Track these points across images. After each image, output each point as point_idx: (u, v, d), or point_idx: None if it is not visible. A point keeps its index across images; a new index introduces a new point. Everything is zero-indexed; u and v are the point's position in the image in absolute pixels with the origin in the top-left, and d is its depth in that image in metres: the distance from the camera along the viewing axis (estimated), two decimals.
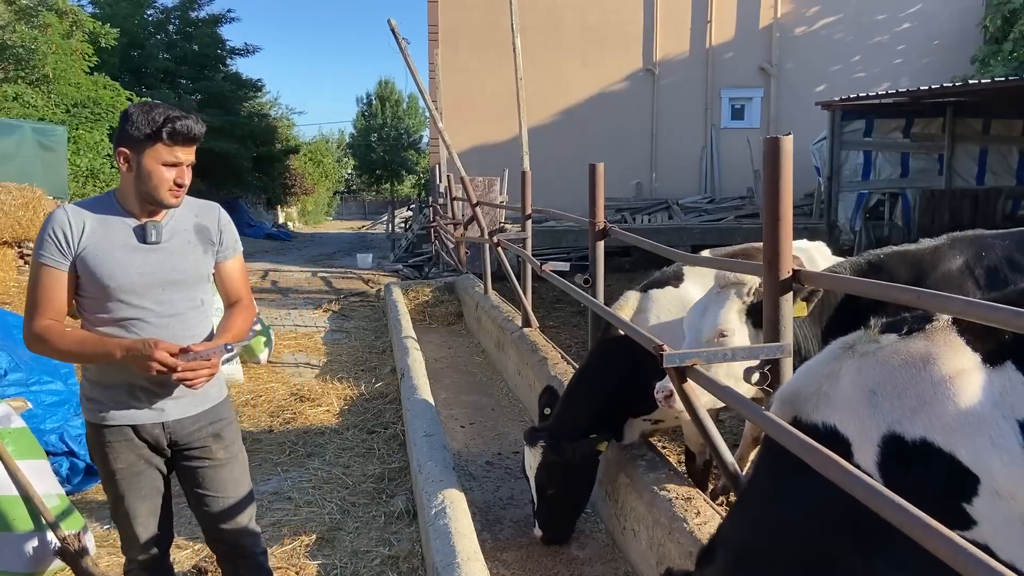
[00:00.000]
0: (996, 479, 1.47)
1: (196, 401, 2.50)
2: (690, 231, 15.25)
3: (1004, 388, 1.52)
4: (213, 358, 2.33)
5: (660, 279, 3.99)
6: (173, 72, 24.41)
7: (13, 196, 8.25)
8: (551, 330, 8.40)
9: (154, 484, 2.54)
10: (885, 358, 1.68)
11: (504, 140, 16.96)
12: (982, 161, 14.97)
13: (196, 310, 2.47)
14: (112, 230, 2.37)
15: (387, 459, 4.89)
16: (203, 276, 2.50)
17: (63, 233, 2.32)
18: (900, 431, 1.57)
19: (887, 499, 1.38)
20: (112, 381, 2.40)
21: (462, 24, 17.90)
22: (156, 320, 2.38)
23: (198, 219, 2.51)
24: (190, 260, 2.45)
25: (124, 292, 2.35)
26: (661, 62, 18.43)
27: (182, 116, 2.32)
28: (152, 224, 2.39)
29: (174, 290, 2.41)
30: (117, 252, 2.35)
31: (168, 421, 2.47)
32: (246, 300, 2.63)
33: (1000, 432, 1.48)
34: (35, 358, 4.62)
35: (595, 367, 3.92)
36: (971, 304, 1.68)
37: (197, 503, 2.61)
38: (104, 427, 2.43)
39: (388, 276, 14.27)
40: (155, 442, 2.48)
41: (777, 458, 1.91)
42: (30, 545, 3.29)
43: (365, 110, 44.55)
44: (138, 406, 2.42)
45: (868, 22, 18.50)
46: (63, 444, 4.37)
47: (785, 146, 2.43)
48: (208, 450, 2.55)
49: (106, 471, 2.49)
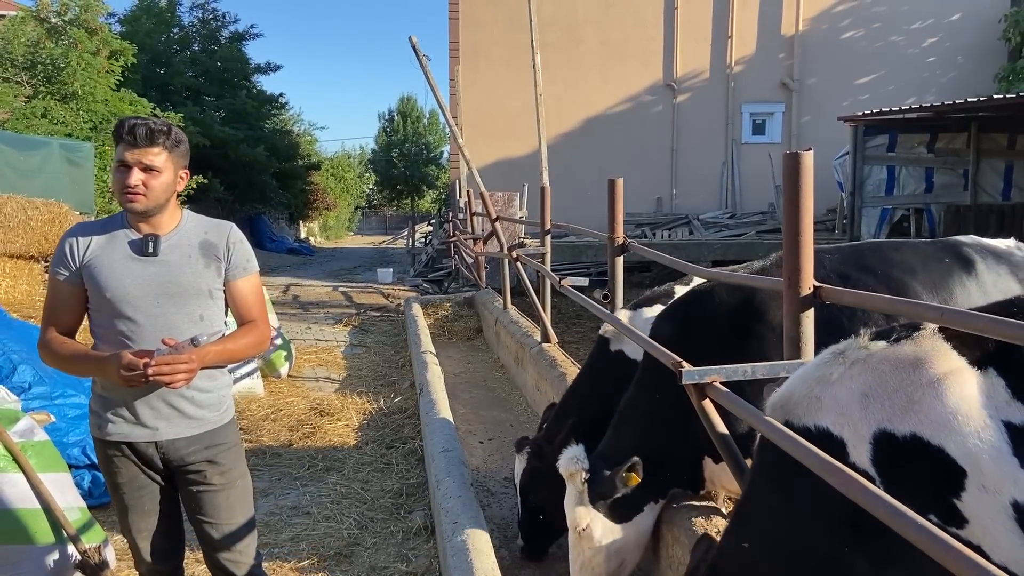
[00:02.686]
0: (983, 473, 1.56)
1: (192, 424, 2.47)
2: (711, 246, 15.17)
3: (989, 390, 1.62)
4: (185, 352, 2.23)
5: (650, 297, 4.00)
6: (197, 89, 24.73)
7: (40, 211, 8.39)
8: (570, 346, 8.38)
9: (157, 499, 2.53)
10: (876, 363, 1.77)
11: (523, 155, 17.01)
12: (1008, 176, 14.79)
13: (195, 325, 2.42)
14: (115, 243, 2.41)
15: (405, 474, 4.88)
16: (202, 291, 2.45)
17: (71, 247, 2.39)
18: (891, 428, 1.68)
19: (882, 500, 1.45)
20: (112, 396, 2.42)
21: (482, 41, 18.02)
22: (151, 334, 2.34)
23: (206, 236, 2.49)
24: (187, 273, 2.42)
25: (120, 303, 2.35)
26: (681, 77, 18.42)
27: (142, 119, 2.34)
28: (151, 237, 2.40)
29: (169, 303, 2.39)
30: (116, 264, 2.37)
31: (161, 441, 2.44)
32: (258, 320, 2.56)
33: (986, 430, 1.58)
34: (59, 372, 4.67)
35: (586, 381, 3.97)
36: (995, 322, 1.67)
37: (194, 524, 2.60)
38: (105, 441, 2.46)
39: (408, 291, 14.32)
40: (149, 460, 2.47)
41: (772, 467, 2.00)
42: (51, 558, 3.31)
43: (387, 126, 44.87)
44: (132, 423, 2.42)
45: (892, 38, 18.41)
46: (86, 457, 4.40)
47: (805, 161, 2.41)
48: (203, 475, 2.51)
49: (111, 483, 2.52)
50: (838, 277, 3.04)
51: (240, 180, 24.11)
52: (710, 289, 3.34)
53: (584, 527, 3.07)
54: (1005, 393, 1.59)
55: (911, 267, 3.20)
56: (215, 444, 2.52)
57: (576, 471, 3.09)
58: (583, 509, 3.09)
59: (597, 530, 3.08)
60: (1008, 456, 1.55)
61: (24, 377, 4.36)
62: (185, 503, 2.59)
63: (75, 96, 15.49)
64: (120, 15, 23.81)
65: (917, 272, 3.18)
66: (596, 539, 3.08)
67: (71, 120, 15.18)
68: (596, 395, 3.81)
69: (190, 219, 2.51)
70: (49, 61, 15.33)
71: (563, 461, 3.14)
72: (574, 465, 3.09)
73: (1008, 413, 1.58)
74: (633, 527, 3.13)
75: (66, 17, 15.97)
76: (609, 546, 3.09)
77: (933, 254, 3.33)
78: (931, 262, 3.27)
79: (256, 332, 2.53)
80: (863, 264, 3.19)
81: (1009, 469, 1.55)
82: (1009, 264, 3.35)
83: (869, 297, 2.41)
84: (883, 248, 3.41)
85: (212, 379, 2.50)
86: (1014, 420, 1.57)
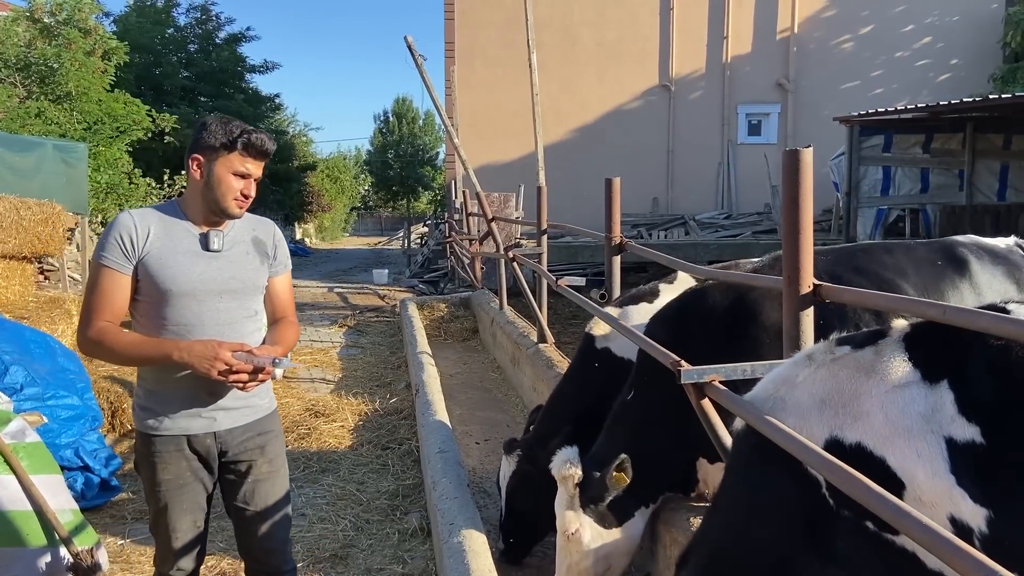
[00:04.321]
0: (920, 487, 1.60)
1: (247, 412, 2.53)
2: (707, 247, 15.16)
3: (936, 405, 1.63)
4: (268, 366, 2.34)
5: (636, 295, 3.99)
6: (192, 89, 24.67)
7: (33, 212, 8.32)
8: (567, 346, 8.33)
9: (196, 499, 2.53)
10: (836, 369, 1.81)
11: (519, 156, 17.00)
12: (1003, 177, 14.80)
13: (250, 320, 2.51)
14: (176, 236, 2.41)
15: (401, 475, 4.85)
16: (258, 287, 2.55)
17: (129, 237, 2.35)
18: (841, 436, 1.73)
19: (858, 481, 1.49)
20: (168, 388, 2.42)
21: (478, 41, 18.00)
22: (211, 327, 2.40)
23: (255, 232, 2.56)
24: (248, 270, 2.49)
25: (184, 297, 2.37)
26: (677, 78, 18.43)
27: (257, 131, 2.41)
28: (215, 232, 2.44)
29: (231, 298, 2.45)
30: (181, 257, 2.38)
31: (220, 431, 2.48)
32: (292, 317, 2.67)
33: (927, 444, 1.60)
34: (51, 372, 4.63)
35: (573, 380, 3.94)
36: (999, 319, 1.65)
37: (234, 514, 2.62)
38: (155, 437, 2.44)
39: (404, 292, 14.29)
40: (206, 453, 2.49)
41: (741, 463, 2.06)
42: (43, 560, 3.27)
43: (382, 127, 44.82)
44: (192, 415, 2.44)
45: (886, 38, 18.44)
46: (78, 459, 4.37)
47: (805, 158, 2.39)
48: (253, 464, 2.56)
49: (151, 482, 2.49)
50: (830, 278, 3.03)
51: None
52: (703, 290, 3.33)
53: (573, 531, 3.05)
54: (952, 408, 1.60)
55: (903, 269, 3.19)
56: (266, 431, 2.59)
57: (569, 474, 3.06)
58: (572, 513, 3.06)
59: (586, 535, 3.05)
60: (945, 472, 1.57)
61: (16, 378, 4.32)
62: (227, 494, 2.60)
63: (69, 97, 15.42)
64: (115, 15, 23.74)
65: (909, 274, 3.17)
66: (585, 543, 3.05)
67: (65, 121, 15.11)
68: (584, 394, 3.80)
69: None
70: (43, 62, 15.26)
71: (556, 464, 3.11)
72: (567, 468, 3.06)
73: (951, 429, 1.59)
74: (623, 532, 3.10)
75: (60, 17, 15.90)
76: (597, 551, 3.07)
77: (926, 256, 3.32)
78: (924, 264, 3.25)
79: (296, 329, 2.66)
80: (855, 265, 3.18)
81: (946, 485, 1.57)
82: (1006, 264, 3.33)
83: (869, 295, 2.38)
84: (876, 250, 3.39)
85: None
86: (956, 436, 1.58)
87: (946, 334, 1.74)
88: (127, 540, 4.04)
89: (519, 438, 3.91)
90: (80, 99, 15.50)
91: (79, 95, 15.47)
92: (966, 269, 3.22)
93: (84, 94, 15.51)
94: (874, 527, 1.68)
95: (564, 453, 3.13)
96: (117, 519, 4.33)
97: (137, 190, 15.89)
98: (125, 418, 5.70)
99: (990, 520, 1.52)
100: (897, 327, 1.82)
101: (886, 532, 1.67)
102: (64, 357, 4.97)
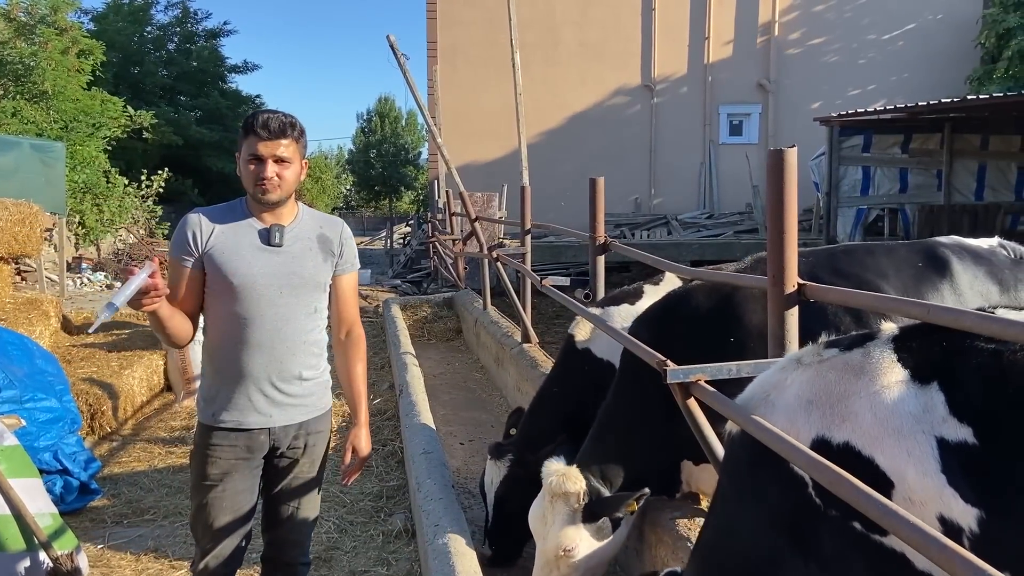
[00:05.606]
0: (909, 486, 1.61)
1: (303, 410, 2.57)
2: (689, 246, 15.23)
3: (926, 405, 1.63)
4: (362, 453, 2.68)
5: (618, 296, 3.98)
6: (172, 88, 24.47)
7: (10, 212, 8.19)
8: (550, 346, 8.33)
9: (239, 500, 2.54)
10: (824, 371, 1.82)
11: (502, 156, 16.99)
12: (980, 177, 14.99)
13: (310, 317, 2.52)
14: (239, 231, 2.45)
15: (385, 477, 4.83)
16: (320, 284, 2.55)
17: (192, 233, 2.42)
18: (828, 436, 1.74)
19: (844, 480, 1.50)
20: (226, 382, 2.47)
21: (461, 41, 17.98)
22: (269, 321, 2.44)
23: (322, 230, 2.57)
24: (309, 266, 2.50)
25: (245, 290, 2.41)
26: (659, 78, 18.50)
27: (272, 112, 2.41)
28: (276, 227, 2.46)
29: (291, 294, 2.47)
30: (243, 251, 2.43)
31: (274, 427, 2.52)
32: (358, 329, 2.69)
33: (917, 444, 1.61)
34: (29, 375, 4.57)
35: (556, 381, 3.94)
36: (984, 318, 1.66)
37: (267, 501, 2.66)
38: (214, 428, 2.49)
39: (386, 292, 14.24)
40: (259, 449, 2.52)
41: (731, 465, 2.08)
42: (22, 565, 3.22)
43: (364, 126, 44.65)
44: (248, 409, 2.48)
45: (866, 39, 18.61)
46: (57, 462, 4.31)
47: (789, 158, 2.40)
48: (298, 461, 2.60)
49: (199, 475, 2.52)
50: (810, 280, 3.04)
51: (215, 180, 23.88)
52: (686, 292, 3.33)
53: (572, 548, 2.95)
54: (943, 409, 1.61)
55: (883, 271, 3.20)
56: (317, 431, 2.63)
57: (574, 491, 2.95)
58: (574, 530, 2.95)
59: (583, 550, 2.98)
60: (936, 472, 1.58)
61: None
62: (266, 481, 2.63)
63: (45, 95, 15.25)
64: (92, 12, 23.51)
65: (889, 276, 3.18)
66: (578, 558, 2.98)
67: (42, 120, 14.93)
68: (566, 395, 3.80)
69: (306, 212, 2.59)
70: (19, 60, 15.08)
71: (553, 478, 2.99)
72: (573, 485, 2.96)
73: (942, 430, 1.59)
74: (611, 541, 3.08)
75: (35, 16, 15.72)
76: (587, 560, 3.02)
77: (907, 257, 3.33)
78: (905, 266, 3.26)
79: (363, 346, 2.72)
80: (835, 267, 3.18)
81: (936, 484, 1.58)
82: (988, 265, 3.34)
83: (853, 294, 2.40)
84: (857, 252, 3.40)
85: (315, 367, 2.59)
86: (947, 437, 1.59)
87: (935, 336, 1.75)
88: (107, 544, 3.99)
89: (503, 442, 3.88)
90: (56, 98, 15.33)
91: (55, 94, 15.30)
92: (947, 270, 3.23)
93: (60, 93, 15.35)
94: (861, 527, 1.68)
95: (557, 464, 3.03)
96: (97, 523, 4.27)
97: (115, 189, 15.73)
98: (104, 420, 5.64)
99: (981, 520, 1.53)
100: (886, 329, 1.83)
101: (873, 532, 1.67)
102: (42, 359, 4.91)
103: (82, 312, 8.69)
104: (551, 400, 3.86)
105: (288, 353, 2.49)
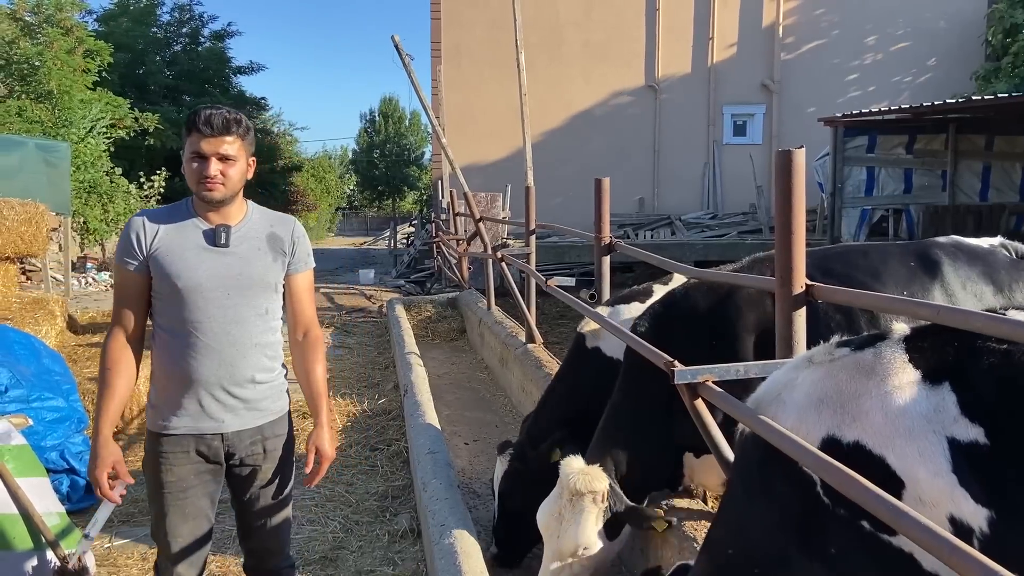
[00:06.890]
0: (920, 487, 1.61)
1: (256, 415, 2.51)
2: (693, 247, 15.22)
3: (938, 405, 1.63)
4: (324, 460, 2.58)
5: (628, 295, 4.00)
6: (176, 89, 24.49)
7: (16, 212, 8.23)
8: (555, 346, 8.34)
9: (199, 506, 2.50)
10: (835, 371, 1.82)
11: (506, 156, 17.00)
12: (985, 177, 14.95)
13: (261, 318, 2.46)
14: (184, 232, 2.39)
15: (390, 477, 4.83)
16: (270, 284, 2.48)
17: (136, 236, 2.37)
18: (839, 435, 1.74)
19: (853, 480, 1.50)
20: (177, 389, 2.41)
21: (465, 41, 17.98)
22: (220, 324, 2.38)
23: (272, 229, 2.51)
24: (258, 266, 2.44)
25: (191, 292, 2.35)
26: (663, 79, 18.48)
27: (215, 107, 2.35)
28: (223, 227, 2.40)
29: (239, 295, 2.41)
30: (188, 252, 2.37)
31: (228, 433, 2.46)
32: (316, 330, 2.62)
33: (928, 444, 1.60)
34: (36, 374, 4.58)
35: (564, 380, 3.95)
36: (993, 319, 1.66)
37: (238, 512, 2.64)
38: (163, 436, 2.43)
39: (390, 292, 14.24)
40: (214, 455, 2.47)
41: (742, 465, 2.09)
42: (29, 564, 3.23)
43: (368, 126, 44.68)
44: (200, 416, 2.42)
45: (871, 38, 18.56)
46: (64, 461, 4.32)
47: (797, 159, 2.40)
48: (259, 468, 2.55)
49: (155, 483, 2.47)
50: None
51: None
52: (685, 292, 3.33)
53: (591, 546, 2.91)
54: (954, 409, 1.61)
55: (875, 272, 3.20)
56: (275, 435, 2.57)
57: (600, 489, 2.91)
58: (594, 528, 2.91)
59: (600, 552, 2.96)
60: (947, 472, 1.58)
61: (0, 380, 4.27)
62: (233, 491, 2.60)
63: (50, 95, 15.29)
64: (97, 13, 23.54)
65: (881, 277, 3.17)
66: (592, 557, 2.96)
67: (46, 119, 14.97)
68: (575, 394, 3.81)
69: (255, 211, 2.52)
70: (24, 60, 15.11)
71: (580, 477, 2.92)
72: (599, 483, 2.91)
73: (954, 430, 1.59)
74: (619, 539, 3.08)
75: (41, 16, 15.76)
76: (597, 558, 3.03)
77: (899, 258, 3.31)
78: (896, 267, 3.26)
79: (321, 347, 2.63)
80: (827, 269, 3.15)
81: (947, 485, 1.58)
82: (984, 265, 3.31)
83: (861, 295, 2.40)
84: (851, 253, 3.40)
85: (269, 370, 2.52)
86: (959, 437, 1.58)
87: (946, 337, 1.75)
88: (113, 543, 4.00)
89: (513, 440, 3.90)
90: (62, 97, 15.37)
91: (60, 94, 15.34)
92: (938, 271, 3.22)
93: (66, 92, 15.38)
94: (870, 527, 1.68)
95: (578, 463, 2.98)
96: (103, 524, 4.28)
97: (117, 189, 15.77)
98: None
99: (991, 521, 1.52)
100: (897, 330, 1.83)
101: (882, 532, 1.67)
102: (49, 358, 4.92)
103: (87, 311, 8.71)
104: (559, 398, 3.88)
105: (239, 356, 2.42)
